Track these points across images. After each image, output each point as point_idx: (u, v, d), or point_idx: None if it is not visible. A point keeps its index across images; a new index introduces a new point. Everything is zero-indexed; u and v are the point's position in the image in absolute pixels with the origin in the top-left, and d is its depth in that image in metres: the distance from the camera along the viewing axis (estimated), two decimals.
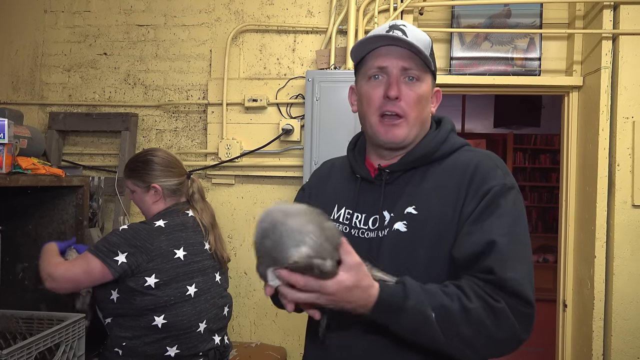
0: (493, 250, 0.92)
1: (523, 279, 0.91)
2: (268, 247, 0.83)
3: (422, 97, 1.04)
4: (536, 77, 2.65)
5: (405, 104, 1.03)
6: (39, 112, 2.89)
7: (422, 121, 1.06)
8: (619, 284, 2.36)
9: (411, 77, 1.03)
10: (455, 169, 1.03)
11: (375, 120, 1.05)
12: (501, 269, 0.90)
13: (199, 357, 1.71)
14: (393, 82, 1.02)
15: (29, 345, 1.33)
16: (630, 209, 2.37)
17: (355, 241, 1.03)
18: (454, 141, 1.08)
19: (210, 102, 2.72)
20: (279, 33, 2.74)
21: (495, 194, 0.97)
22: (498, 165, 1.03)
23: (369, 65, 1.06)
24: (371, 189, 1.08)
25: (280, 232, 0.82)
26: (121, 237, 1.62)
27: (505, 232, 0.94)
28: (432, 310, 0.87)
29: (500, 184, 0.98)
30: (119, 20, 2.84)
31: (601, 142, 2.40)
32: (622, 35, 2.37)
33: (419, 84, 1.04)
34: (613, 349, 2.36)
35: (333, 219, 1.11)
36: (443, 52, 2.74)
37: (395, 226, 1.01)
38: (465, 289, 0.91)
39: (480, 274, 0.92)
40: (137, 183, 1.78)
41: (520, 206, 1.00)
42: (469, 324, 0.88)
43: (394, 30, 1.02)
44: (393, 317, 0.88)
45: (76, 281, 1.61)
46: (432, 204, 1.00)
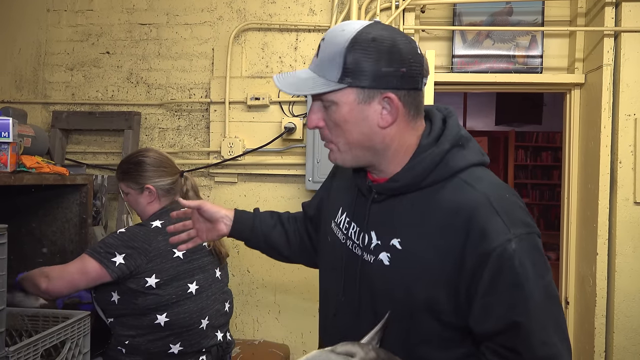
0: (518, 333, 0.83)
1: (553, 349, 0.83)
2: None
3: (338, 121, 0.91)
4: (538, 75, 2.65)
5: (328, 132, 0.94)
6: (42, 111, 2.90)
7: (357, 144, 0.92)
8: (620, 281, 2.37)
9: (327, 103, 0.91)
10: (447, 208, 0.88)
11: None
12: (529, 350, 0.83)
13: (202, 353, 1.72)
14: (309, 114, 0.95)
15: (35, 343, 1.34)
16: (632, 206, 2.37)
17: (348, 253, 1.03)
18: (451, 165, 0.91)
19: (213, 101, 2.73)
20: (281, 31, 2.74)
21: (500, 260, 0.82)
22: (498, 212, 0.85)
23: None
24: (363, 203, 1.01)
25: None
26: (118, 239, 1.63)
27: (526, 307, 0.83)
28: None
29: (501, 245, 0.83)
30: (122, 19, 2.85)
31: (603, 140, 2.40)
32: (624, 33, 2.37)
33: (335, 108, 0.90)
34: (615, 346, 2.37)
35: (336, 223, 1.08)
36: (445, 49, 2.74)
37: (380, 256, 0.94)
38: None
39: (507, 353, 0.85)
40: (130, 185, 1.77)
41: (531, 259, 0.84)
42: None
43: (318, 49, 0.92)
44: None
45: (72, 281, 1.61)
46: (418, 242, 0.90)
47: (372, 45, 0.86)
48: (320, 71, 0.89)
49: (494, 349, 0.87)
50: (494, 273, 0.83)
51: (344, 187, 1.11)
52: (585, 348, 2.52)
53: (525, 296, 0.82)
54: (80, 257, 1.64)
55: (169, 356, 1.66)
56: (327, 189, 1.23)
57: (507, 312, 0.83)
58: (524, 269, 0.83)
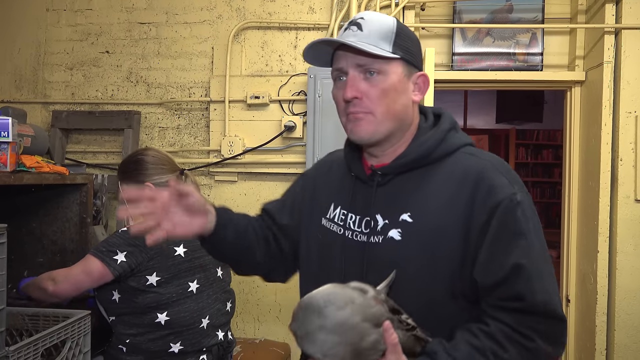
0: (520, 275, 0.89)
1: (551, 297, 0.90)
2: (300, 332, 0.82)
3: (387, 90, 0.96)
4: (538, 72, 2.64)
5: (368, 101, 0.97)
6: (42, 110, 2.89)
7: (395, 114, 0.98)
8: (622, 278, 2.37)
9: (371, 71, 0.96)
10: (454, 176, 0.96)
11: (343, 120, 1.02)
12: (531, 293, 0.89)
13: (202, 352, 1.72)
14: (348, 82, 0.97)
15: (35, 342, 1.34)
16: (633, 204, 2.37)
17: (349, 244, 1.02)
18: (452, 142, 1.00)
19: (213, 100, 2.72)
20: (280, 30, 2.74)
21: (507, 210, 0.91)
22: (502, 173, 0.95)
23: (333, 67, 1.02)
24: (365, 189, 1.03)
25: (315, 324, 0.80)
26: (120, 238, 1.63)
27: (528, 253, 0.90)
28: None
29: (508, 197, 0.91)
30: (121, 18, 2.85)
31: (604, 137, 2.40)
32: (625, 30, 2.36)
33: (382, 77, 0.96)
34: (616, 344, 2.36)
35: (329, 218, 1.08)
36: (445, 47, 2.74)
37: (390, 233, 0.97)
38: (497, 336, 0.88)
39: (509, 303, 0.90)
40: (130, 184, 1.77)
41: (532, 214, 0.94)
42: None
43: (351, 26, 0.98)
44: None
45: (77, 282, 1.62)
46: (428, 212, 0.95)
47: (410, 33, 1.01)
48: (372, 42, 0.95)
49: (495, 304, 0.91)
50: (500, 223, 0.90)
51: (333, 183, 1.12)
52: (586, 346, 2.51)
53: (527, 243, 0.90)
54: (84, 258, 1.65)
55: (169, 355, 1.66)
56: (300, 192, 1.19)
57: (510, 258, 0.89)
58: (526, 220, 0.91)
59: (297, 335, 0.82)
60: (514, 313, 0.89)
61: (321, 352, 0.79)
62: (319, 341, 0.79)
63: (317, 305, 0.80)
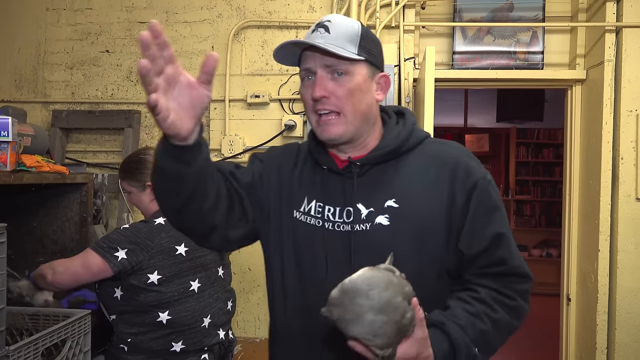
0: (501, 242, 1.02)
1: (521, 259, 1.04)
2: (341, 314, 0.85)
3: (353, 90, 1.01)
4: (539, 71, 2.64)
5: (336, 100, 1.01)
6: (42, 110, 2.89)
7: (361, 113, 1.03)
8: (622, 277, 2.36)
9: (339, 72, 1.01)
10: (432, 161, 1.05)
11: (314, 120, 1.04)
12: (510, 257, 1.02)
13: (204, 351, 1.72)
14: (316, 82, 1.01)
15: (35, 341, 1.34)
16: (634, 203, 2.36)
17: (330, 235, 1.03)
18: (418, 134, 1.09)
19: (213, 99, 2.71)
20: (280, 29, 2.73)
21: (484, 187, 1.03)
22: (472, 158, 1.08)
23: (300, 67, 1.06)
24: (340, 181, 1.06)
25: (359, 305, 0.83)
26: (122, 235, 1.64)
27: (503, 223, 1.04)
28: (476, 345, 0.96)
29: (482, 177, 1.04)
30: (121, 18, 2.84)
31: (605, 136, 2.40)
32: (626, 28, 2.36)
33: (348, 78, 1.01)
34: (617, 343, 2.36)
35: (303, 212, 1.08)
36: (445, 46, 2.73)
37: (377, 220, 1.01)
38: (487, 300, 1.00)
39: (493, 268, 1.02)
40: (132, 183, 1.77)
41: (498, 190, 1.08)
42: (501, 333, 1.01)
43: (318, 28, 1.02)
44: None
45: (75, 275, 1.64)
46: (412, 197, 1.02)
47: (373, 36, 1.07)
48: (339, 44, 1.00)
49: (479, 272, 1.03)
50: (479, 201, 1.02)
51: (303, 175, 1.11)
52: (587, 345, 2.51)
53: (501, 215, 1.04)
54: (84, 251, 1.66)
55: (171, 354, 1.66)
56: (263, 177, 1.13)
57: (491, 229, 1.02)
58: (497, 195, 1.06)
59: (344, 320, 0.84)
60: (497, 277, 1.02)
61: (372, 332, 0.83)
62: (368, 322, 0.83)
63: (362, 289, 0.83)
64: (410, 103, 2.61)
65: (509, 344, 1.13)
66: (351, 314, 0.83)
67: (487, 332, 0.98)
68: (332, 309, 0.85)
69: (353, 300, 0.83)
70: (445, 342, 0.94)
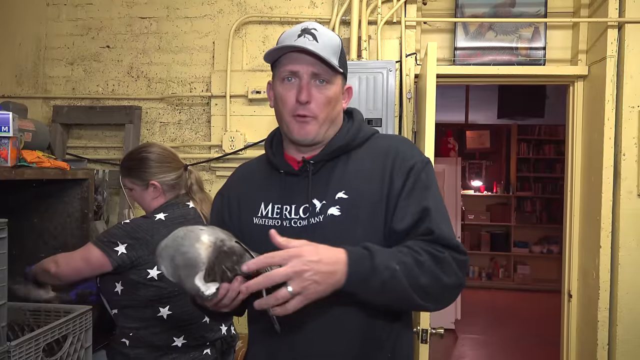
0: (429, 215, 1.06)
1: (451, 234, 1.06)
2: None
3: (331, 98, 1.11)
4: (541, 67, 2.63)
5: (315, 106, 1.09)
6: (42, 105, 2.89)
7: (332, 119, 1.14)
8: (624, 274, 2.36)
9: (321, 80, 1.10)
10: (377, 154, 1.14)
11: (289, 120, 1.12)
12: (437, 228, 1.04)
13: (206, 347, 1.72)
14: (304, 87, 1.09)
15: (36, 337, 1.34)
16: (636, 199, 2.36)
17: (288, 232, 1.06)
18: (366, 130, 1.19)
19: (214, 95, 2.72)
20: (282, 24, 2.72)
21: (418, 170, 1.11)
22: (412, 146, 1.18)
23: (283, 67, 1.11)
24: (297, 181, 1.14)
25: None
26: (122, 230, 1.64)
27: (433, 199, 1.08)
28: (397, 264, 0.97)
29: (419, 161, 1.12)
30: (122, 13, 2.84)
31: (606, 132, 2.39)
32: (628, 24, 2.35)
33: (328, 87, 1.11)
34: (618, 339, 2.36)
35: (261, 216, 1.15)
36: (447, 42, 2.73)
37: (329, 211, 1.08)
38: (412, 247, 1.02)
39: (421, 237, 1.05)
40: (135, 181, 1.77)
41: (434, 177, 1.15)
42: (425, 274, 0.99)
43: (305, 34, 1.08)
44: (367, 276, 0.96)
45: (77, 268, 1.64)
46: (360, 187, 1.10)
47: (344, 54, 1.17)
48: (326, 54, 1.08)
49: (414, 238, 1.06)
50: (414, 180, 1.09)
51: (256, 185, 1.21)
52: (588, 341, 2.51)
53: (432, 193, 1.10)
54: (85, 245, 1.67)
55: (173, 349, 1.66)
56: (223, 210, 1.23)
57: (420, 204, 1.07)
58: (432, 177, 1.13)
59: (177, 277, 0.96)
60: (426, 241, 1.04)
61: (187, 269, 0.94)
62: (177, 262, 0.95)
63: (165, 247, 0.97)
64: (412, 99, 2.61)
65: (510, 340, 1.13)
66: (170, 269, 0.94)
67: (409, 264, 0.98)
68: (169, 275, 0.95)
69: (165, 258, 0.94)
70: (362, 249, 0.98)
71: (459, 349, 4.82)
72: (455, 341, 5.01)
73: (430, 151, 2.00)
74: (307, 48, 1.06)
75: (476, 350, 4.83)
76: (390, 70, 2.33)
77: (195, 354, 1.69)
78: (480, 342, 5.06)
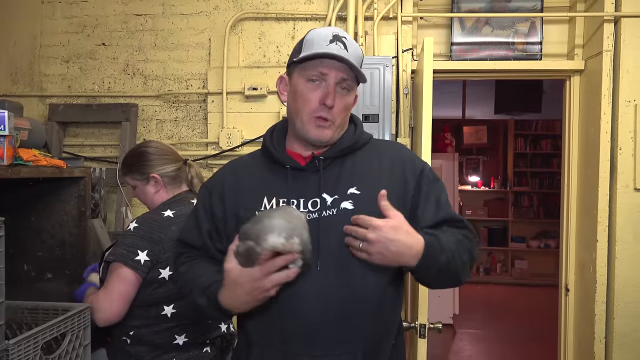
0: (442, 205, 1.20)
1: (457, 214, 1.23)
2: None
3: (350, 105, 1.20)
4: (537, 62, 2.63)
5: (336, 111, 1.15)
6: (38, 103, 2.88)
7: (344, 124, 1.22)
8: (621, 267, 2.37)
9: (345, 87, 1.16)
10: (383, 156, 1.23)
11: (307, 119, 1.16)
12: (451, 212, 1.21)
13: (206, 345, 1.72)
14: (331, 92, 1.14)
15: (35, 335, 1.34)
16: (633, 193, 2.37)
17: None
18: (366, 134, 1.27)
19: (210, 92, 2.71)
20: (278, 20, 2.72)
21: (429, 172, 1.23)
22: (410, 151, 1.30)
23: (311, 67, 1.15)
24: (304, 176, 1.18)
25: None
26: (137, 236, 1.61)
27: (442, 191, 1.23)
28: (453, 245, 1.12)
29: (424, 165, 1.24)
30: (117, 10, 2.82)
31: (603, 126, 2.39)
32: (624, 18, 2.35)
33: (350, 95, 1.18)
34: (615, 332, 2.37)
35: (265, 210, 1.16)
36: (443, 37, 2.72)
37: (342, 205, 1.14)
38: (450, 229, 1.17)
39: (451, 224, 1.19)
40: (135, 177, 1.77)
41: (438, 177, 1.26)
42: (465, 251, 1.15)
43: (337, 41, 1.13)
44: (438, 255, 1.09)
45: (120, 293, 1.57)
46: (371, 184, 1.15)
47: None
48: (355, 64, 1.14)
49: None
50: (426, 182, 1.20)
51: (258, 182, 1.22)
52: (585, 334, 2.52)
53: (445, 193, 1.24)
54: (110, 269, 1.61)
55: (173, 347, 1.66)
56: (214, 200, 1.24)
57: (436, 199, 1.20)
58: (440, 181, 1.25)
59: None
60: (458, 227, 1.20)
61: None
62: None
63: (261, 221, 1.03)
64: (409, 95, 2.61)
65: (508, 334, 1.19)
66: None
67: (459, 242, 1.14)
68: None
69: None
70: (429, 234, 1.12)
71: (457, 344, 4.84)
72: (454, 336, 5.02)
73: (427, 147, 2.00)
74: (343, 57, 1.11)
75: (474, 345, 4.85)
76: (387, 65, 2.32)
77: (195, 352, 1.69)
78: (478, 336, 5.08)
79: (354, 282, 1.11)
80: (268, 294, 1.04)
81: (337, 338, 1.10)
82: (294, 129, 1.20)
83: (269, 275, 1.01)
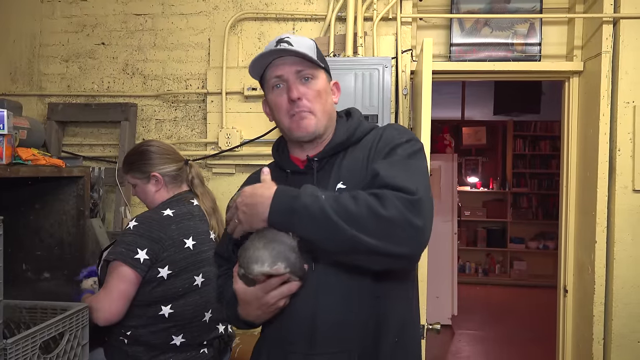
0: (379, 175, 1.06)
1: (405, 181, 1.02)
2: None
3: (320, 91, 1.19)
4: (536, 63, 2.63)
5: (307, 101, 1.16)
6: (37, 103, 2.88)
7: (328, 112, 1.21)
8: (619, 268, 2.37)
9: (306, 77, 1.17)
10: (366, 143, 1.20)
11: (287, 121, 1.18)
12: (386, 176, 1.05)
13: (203, 346, 1.72)
14: (291, 86, 1.16)
15: (33, 335, 1.34)
16: (631, 194, 2.37)
17: None
18: (365, 126, 1.24)
19: (210, 92, 2.71)
20: (277, 21, 2.72)
21: (394, 146, 1.14)
22: (400, 130, 1.20)
23: (269, 77, 1.19)
24: (302, 179, 1.18)
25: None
26: (136, 235, 1.61)
27: (392, 165, 1.09)
28: (322, 194, 1.02)
29: (399, 142, 1.14)
30: (117, 10, 2.82)
31: (602, 127, 2.40)
32: (623, 20, 2.36)
33: (314, 81, 1.18)
34: (613, 333, 2.38)
35: None
36: (443, 38, 2.73)
37: None
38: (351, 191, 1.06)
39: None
40: (136, 175, 1.77)
41: (415, 158, 1.12)
42: (356, 204, 0.99)
43: (281, 44, 1.16)
44: (293, 199, 1.02)
45: (120, 292, 1.58)
46: (354, 176, 1.15)
47: (321, 53, 1.24)
48: (303, 51, 1.15)
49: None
50: (386, 153, 1.13)
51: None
52: (584, 335, 2.53)
53: (397, 158, 1.12)
54: (109, 268, 1.61)
55: (171, 348, 1.66)
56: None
57: (375, 169, 1.10)
58: (409, 153, 1.13)
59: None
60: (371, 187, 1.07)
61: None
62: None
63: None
64: (408, 95, 2.61)
65: (507, 335, 1.14)
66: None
67: (337, 196, 1.02)
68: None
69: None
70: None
71: (456, 345, 4.84)
72: (452, 337, 5.02)
73: (427, 147, 2.00)
74: (286, 48, 1.14)
75: (473, 346, 4.85)
76: (386, 66, 2.33)
77: (192, 353, 1.69)
78: (476, 337, 5.08)
79: (349, 280, 1.11)
80: (277, 306, 1.10)
81: (333, 336, 1.11)
82: (286, 137, 1.25)
83: (270, 292, 1.07)
